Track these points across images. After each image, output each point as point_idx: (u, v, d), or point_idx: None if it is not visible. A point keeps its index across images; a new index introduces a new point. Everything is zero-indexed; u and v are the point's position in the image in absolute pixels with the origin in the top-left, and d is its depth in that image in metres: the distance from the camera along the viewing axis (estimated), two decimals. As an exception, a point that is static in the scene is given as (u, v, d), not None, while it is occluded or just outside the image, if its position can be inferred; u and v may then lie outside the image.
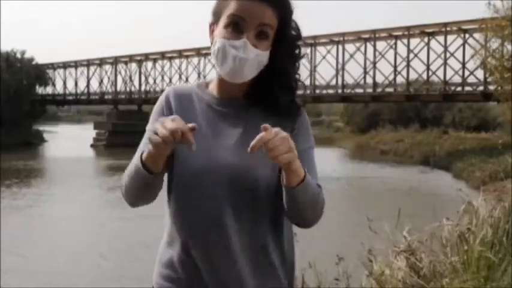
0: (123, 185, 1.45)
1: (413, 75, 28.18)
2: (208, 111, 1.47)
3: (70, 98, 44.80)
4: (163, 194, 1.52)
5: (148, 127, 1.48)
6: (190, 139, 1.26)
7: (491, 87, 21.90)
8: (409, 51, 27.87)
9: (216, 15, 1.45)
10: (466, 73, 26.20)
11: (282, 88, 1.45)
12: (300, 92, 1.50)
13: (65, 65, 44.72)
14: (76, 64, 44.13)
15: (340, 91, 30.12)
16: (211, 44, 1.45)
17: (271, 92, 1.44)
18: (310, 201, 1.38)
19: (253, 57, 1.39)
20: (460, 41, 26.67)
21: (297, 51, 1.48)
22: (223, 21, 1.41)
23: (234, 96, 1.47)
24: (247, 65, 1.39)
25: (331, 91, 30.86)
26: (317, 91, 30.78)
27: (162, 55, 38.98)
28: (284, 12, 1.42)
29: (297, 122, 1.48)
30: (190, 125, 1.27)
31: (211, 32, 1.46)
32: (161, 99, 1.53)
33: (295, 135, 1.43)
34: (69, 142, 39.62)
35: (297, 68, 1.49)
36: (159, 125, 1.27)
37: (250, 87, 1.46)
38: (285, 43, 1.44)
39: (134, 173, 1.38)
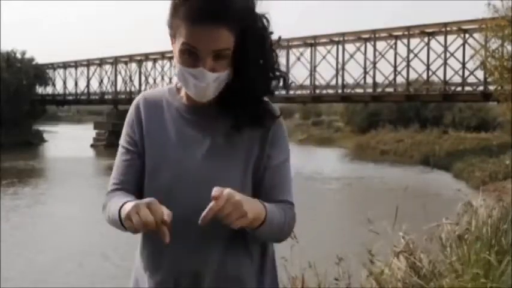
0: (106, 214, 1.42)
1: (413, 75, 28.21)
2: (177, 119, 1.45)
3: (70, 98, 44.74)
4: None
5: (121, 141, 1.48)
6: (163, 231, 1.24)
7: (491, 87, 21.91)
8: (409, 51, 27.87)
9: (171, 29, 1.38)
10: (466, 73, 26.21)
11: (249, 98, 1.39)
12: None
13: (65, 65, 44.68)
14: (76, 64, 44.10)
15: (340, 91, 30.10)
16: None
17: (240, 101, 1.39)
18: (275, 233, 1.39)
19: (213, 82, 1.35)
20: (460, 41, 26.69)
21: (266, 53, 1.39)
22: (178, 45, 1.35)
23: (204, 103, 1.41)
24: (208, 90, 1.36)
25: (331, 91, 30.84)
26: (317, 91, 30.78)
27: (162, 55, 38.91)
28: (242, 22, 1.33)
29: (270, 130, 1.43)
30: (165, 216, 1.23)
31: (172, 43, 1.41)
32: (131, 110, 1.50)
33: (270, 147, 1.42)
34: (69, 142, 39.59)
35: (274, 69, 1.41)
36: (134, 211, 1.23)
37: (221, 93, 1.40)
38: (250, 51, 1.36)
39: (114, 219, 1.36)
